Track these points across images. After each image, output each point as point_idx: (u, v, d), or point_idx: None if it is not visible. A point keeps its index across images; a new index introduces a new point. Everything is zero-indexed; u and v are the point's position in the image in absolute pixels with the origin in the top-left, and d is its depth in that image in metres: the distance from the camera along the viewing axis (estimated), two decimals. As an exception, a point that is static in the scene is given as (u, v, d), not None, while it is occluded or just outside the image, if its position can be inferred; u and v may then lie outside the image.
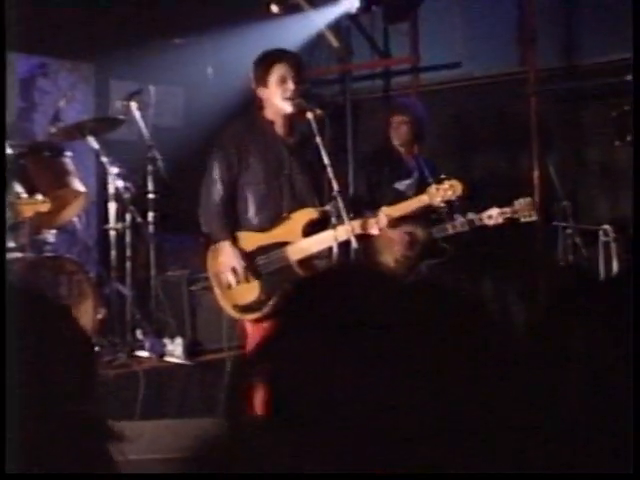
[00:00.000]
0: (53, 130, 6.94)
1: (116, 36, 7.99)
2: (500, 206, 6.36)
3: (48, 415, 1.50)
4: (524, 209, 6.33)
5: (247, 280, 5.29)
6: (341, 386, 1.10)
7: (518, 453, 1.13)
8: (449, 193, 5.51)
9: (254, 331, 5.28)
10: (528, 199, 6.38)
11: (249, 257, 5.30)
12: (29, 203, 5.88)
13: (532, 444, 1.17)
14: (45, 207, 5.87)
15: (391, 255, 6.83)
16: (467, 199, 5.85)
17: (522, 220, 6.34)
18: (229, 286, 5.33)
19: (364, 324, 1.12)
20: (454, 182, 5.53)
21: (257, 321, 5.24)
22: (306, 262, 5.36)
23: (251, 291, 5.30)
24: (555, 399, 1.31)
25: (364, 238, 5.38)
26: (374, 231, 5.38)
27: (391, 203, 5.78)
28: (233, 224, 5.35)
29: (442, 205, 5.70)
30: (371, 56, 9.55)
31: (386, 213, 5.45)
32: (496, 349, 1.17)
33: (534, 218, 6.40)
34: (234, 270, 5.27)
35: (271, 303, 5.25)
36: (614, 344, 1.30)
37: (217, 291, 5.42)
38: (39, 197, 5.92)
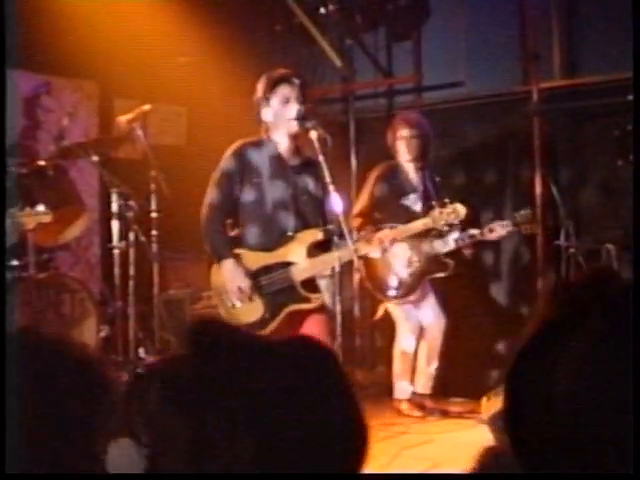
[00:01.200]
0: (57, 149, 6.96)
1: (120, 54, 8.01)
2: (495, 219, 6.40)
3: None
4: (525, 221, 6.36)
5: (250, 299, 5.29)
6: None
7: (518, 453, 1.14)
8: (452, 217, 5.55)
9: None
10: (529, 212, 6.40)
11: (253, 277, 5.30)
12: (31, 215, 5.86)
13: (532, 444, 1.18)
14: (47, 218, 5.86)
15: (393, 272, 6.84)
16: (470, 217, 5.87)
17: (523, 232, 6.37)
18: (233, 305, 5.33)
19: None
20: (457, 206, 5.57)
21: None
22: (309, 282, 5.36)
23: (254, 310, 5.29)
24: (555, 399, 1.32)
25: (367, 256, 5.39)
26: (377, 254, 5.39)
27: (397, 218, 5.79)
28: (234, 243, 5.35)
29: (445, 229, 5.73)
30: (374, 75, 9.56)
31: (388, 236, 5.47)
32: None
33: (535, 230, 6.43)
34: (239, 289, 5.26)
35: (275, 322, 5.26)
36: (613, 344, 1.30)
37: (220, 309, 5.42)
38: (41, 208, 5.90)
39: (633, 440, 1.23)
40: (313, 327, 5.27)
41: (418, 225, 5.73)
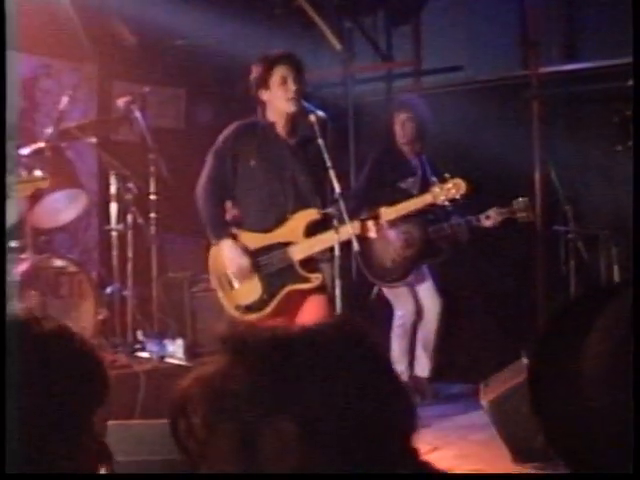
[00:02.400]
0: (55, 131, 6.94)
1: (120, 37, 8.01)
2: (493, 206, 6.39)
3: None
4: (522, 209, 6.35)
5: (249, 279, 5.30)
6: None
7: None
8: (453, 192, 5.52)
9: None
10: (526, 199, 6.40)
11: (252, 256, 5.31)
12: (28, 181, 5.83)
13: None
14: (45, 184, 5.81)
15: (388, 255, 6.85)
16: (467, 201, 5.86)
17: (520, 220, 6.37)
18: (231, 286, 5.33)
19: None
20: (458, 181, 5.54)
21: (260, 321, 5.24)
22: (308, 262, 5.37)
23: (253, 291, 5.30)
24: (555, 399, 1.32)
25: (363, 238, 5.38)
26: (373, 234, 5.38)
27: (395, 201, 5.81)
28: (231, 223, 5.36)
29: (446, 204, 5.71)
30: (373, 59, 9.55)
31: (388, 213, 5.46)
32: None
33: (532, 218, 6.43)
34: (239, 268, 5.27)
35: (275, 302, 5.26)
36: (613, 344, 1.30)
37: (219, 291, 5.42)
38: (38, 173, 5.88)
39: (633, 440, 1.22)
40: (312, 308, 5.29)
41: (418, 201, 5.71)
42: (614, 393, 1.28)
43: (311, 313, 5.26)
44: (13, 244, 6.24)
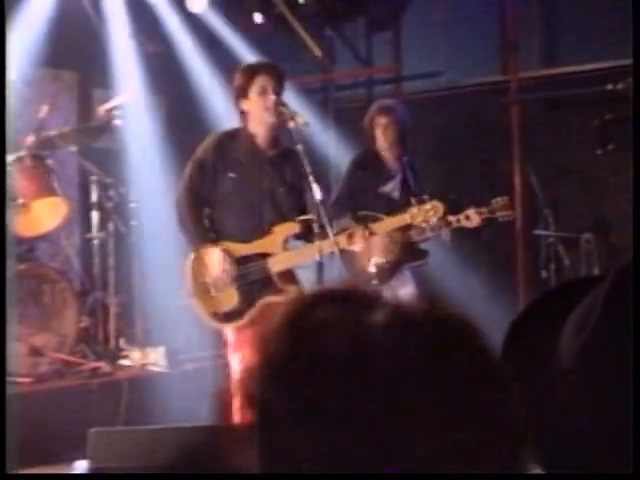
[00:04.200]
0: (36, 139, 6.93)
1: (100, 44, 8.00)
2: (477, 206, 6.39)
3: None
4: (502, 208, 6.36)
5: (228, 288, 5.29)
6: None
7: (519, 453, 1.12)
8: (430, 214, 5.54)
9: (236, 340, 5.28)
10: (505, 198, 6.40)
11: (231, 265, 5.30)
12: None
13: (532, 444, 1.16)
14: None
15: (370, 260, 6.85)
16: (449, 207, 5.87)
17: (500, 220, 6.37)
18: (208, 292, 5.32)
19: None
20: (435, 203, 5.54)
21: (238, 330, 5.25)
22: (286, 274, 5.36)
23: (230, 299, 5.30)
24: (554, 400, 1.32)
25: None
26: (357, 247, 5.40)
27: (375, 206, 5.79)
28: (210, 229, 5.36)
29: (423, 225, 5.74)
30: (354, 65, 9.58)
31: (370, 231, 5.47)
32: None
33: (512, 217, 6.44)
34: (221, 275, 5.26)
35: (251, 312, 5.26)
36: (612, 345, 1.30)
37: (195, 297, 5.40)
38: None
39: (633, 440, 1.23)
40: None
41: (395, 221, 5.72)
42: (590, 388, 1.28)
43: None
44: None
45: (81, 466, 4.33)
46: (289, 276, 5.37)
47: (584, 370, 1.30)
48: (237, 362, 5.25)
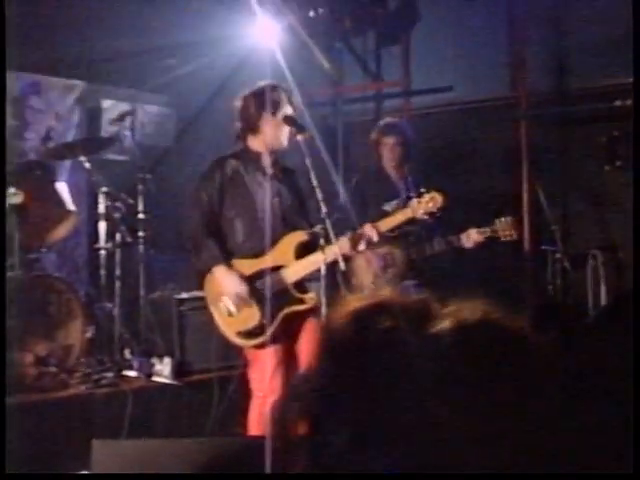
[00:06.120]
0: (44, 149, 6.95)
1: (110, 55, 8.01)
2: (479, 226, 6.39)
3: None
4: (504, 228, 6.35)
5: (248, 306, 5.28)
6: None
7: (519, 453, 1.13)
8: (430, 205, 5.57)
9: (257, 357, 5.28)
10: (508, 218, 6.40)
11: (248, 282, 5.30)
12: None
13: (532, 444, 1.17)
14: (18, 199, 5.85)
15: (369, 276, 6.84)
16: (449, 221, 5.88)
17: (502, 239, 6.37)
18: (229, 313, 5.31)
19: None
20: (434, 194, 5.60)
21: (259, 347, 5.25)
22: (299, 284, 5.38)
23: (252, 316, 5.28)
24: (555, 400, 1.32)
25: (346, 259, 5.39)
26: (362, 247, 5.41)
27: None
28: (222, 249, 5.35)
29: (425, 217, 5.73)
30: (363, 79, 9.59)
31: (373, 227, 5.48)
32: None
33: (515, 237, 6.43)
34: (237, 295, 5.25)
35: (273, 327, 5.26)
36: (612, 346, 1.30)
37: (218, 319, 5.40)
38: (11, 190, 5.91)
39: (633, 440, 1.23)
40: (311, 333, 5.32)
41: (398, 217, 5.73)
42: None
43: (310, 333, 5.31)
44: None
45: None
46: (301, 285, 5.39)
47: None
48: (258, 380, 5.26)
